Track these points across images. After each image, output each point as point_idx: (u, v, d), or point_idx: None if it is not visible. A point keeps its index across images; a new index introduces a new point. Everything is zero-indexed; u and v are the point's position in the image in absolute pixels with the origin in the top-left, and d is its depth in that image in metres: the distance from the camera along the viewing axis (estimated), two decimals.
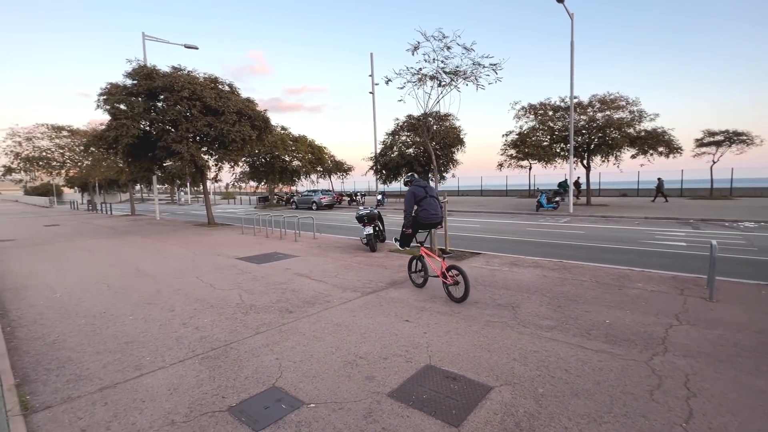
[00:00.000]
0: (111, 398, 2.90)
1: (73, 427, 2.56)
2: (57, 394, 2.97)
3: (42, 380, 3.20)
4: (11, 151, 27.97)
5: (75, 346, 3.87)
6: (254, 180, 33.96)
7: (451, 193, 37.94)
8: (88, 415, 2.69)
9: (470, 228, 13.56)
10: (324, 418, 2.59)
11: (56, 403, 2.84)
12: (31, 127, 28.79)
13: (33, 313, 4.97)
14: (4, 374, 3.20)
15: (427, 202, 5.52)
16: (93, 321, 4.61)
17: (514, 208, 21.27)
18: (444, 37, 7.83)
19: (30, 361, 3.56)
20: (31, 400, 2.89)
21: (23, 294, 5.94)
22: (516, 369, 3.21)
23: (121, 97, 13.34)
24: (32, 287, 6.34)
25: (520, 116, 22.21)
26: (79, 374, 3.29)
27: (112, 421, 2.61)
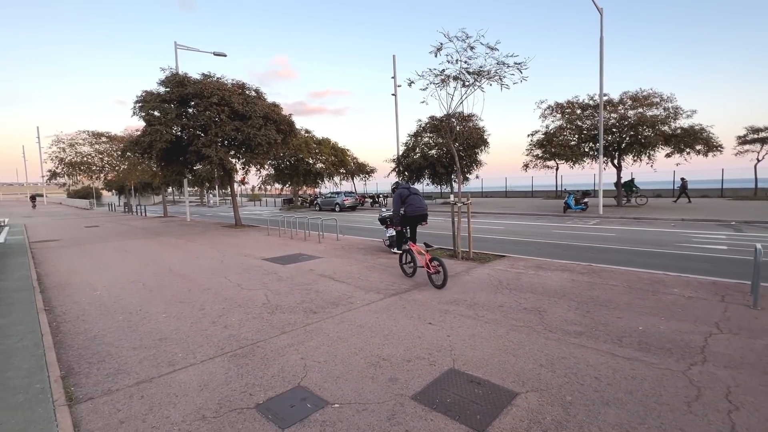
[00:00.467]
0: (147, 392, 3.05)
1: (113, 418, 2.71)
2: (98, 387, 3.15)
3: (84, 373, 3.40)
4: (56, 157, 29.85)
5: (114, 342, 4.09)
6: (279, 182, 34.71)
7: (474, 194, 37.43)
8: (126, 408, 2.83)
9: (494, 230, 13.33)
10: (348, 419, 2.62)
11: (97, 395, 3.01)
12: (73, 134, 30.64)
13: (76, 310, 5.28)
14: (51, 366, 3.42)
15: (412, 198, 6.56)
16: (130, 318, 4.85)
17: (540, 209, 20.74)
18: (467, 38, 7.75)
19: (74, 355, 3.78)
20: (75, 391, 3.08)
21: (67, 291, 6.31)
22: (543, 375, 3.13)
23: (155, 104, 13.98)
24: (75, 285, 6.73)
25: (546, 115, 21.66)
26: (117, 368, 3.47)
27: (148, 414, 2.74)
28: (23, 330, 4.35)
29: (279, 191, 42.84)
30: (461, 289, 5.77)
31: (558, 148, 20.89)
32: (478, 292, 5.54)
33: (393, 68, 27.60)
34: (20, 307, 5.28)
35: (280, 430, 2.52)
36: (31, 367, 3.43)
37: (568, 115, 21.00)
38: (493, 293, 5.49)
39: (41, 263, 8.94)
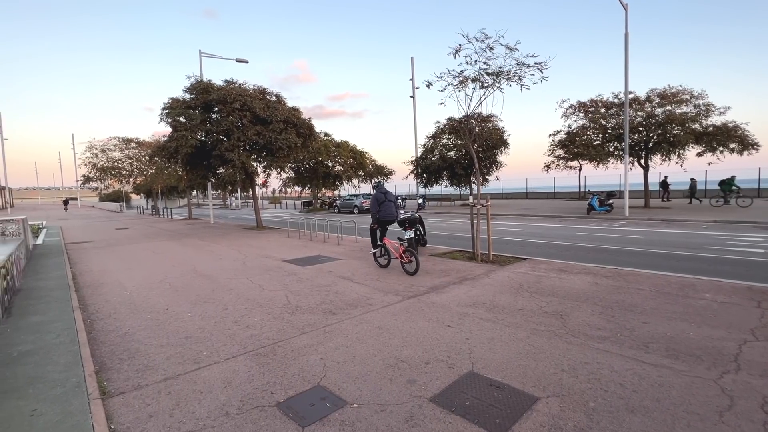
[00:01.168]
0: (173, 388, 3.16)
1: (142, 412, 2.83)
2: (128, 382, 3.29)
3: (116, 368, 3.56)
4: (89, 162, 31.36)
5: (143, 339, 4.26)
6: (299, 185, 35.25)
7: (494, 195, 36.93)
8: (155, 402, 2.95)
9: (515, 232, 13.12)
10: (367, 419, 2.64)
11: (128, 390, 3.15)
12: (105, 140, 32.13)
13: (108, 308, 5.53)
14: (86, 362, 3.60)
15: (386, 205, 7.60)
16: (157, 316, 5.05)
17: (563, 211, 20.26)
18: (486, 38, 7.69)
19: (106, 351, 3.97)
20: (108, 385, 3.23)
21: (99, 290, 6.62)
22: (565, 380, 3.07)
23: (181, 111, 14.49)
24: (107, 284, 7.05)
25: (568, 115, 21.17)
26: (146, 364, 3.62)
27: (175, 409, 2.85)
28: (60, 327, 4.60)
29: (299, 194, 43.51)
30: (481, 291, 5.71)
31: (581, 148, 20.36)
32: (498, 295, 5.48)
33: (411, 70, 27.63)
34: (57, 305, 5.57)
35: (300, 428, 2.57)
36: (67, 361, 3.62)
37: (592, 114, 20.44)
38: (513, 296, 5.41)
39: (76, 263, 9.40)
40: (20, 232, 9.41)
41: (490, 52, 7.80)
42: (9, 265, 6.03)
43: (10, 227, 9.37)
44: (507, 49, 7.73)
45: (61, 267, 8.69)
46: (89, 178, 32.25)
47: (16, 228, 9.40)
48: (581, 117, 20.86)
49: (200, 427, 2.61)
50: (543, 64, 7.69)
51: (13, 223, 9.44)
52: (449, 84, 8.27)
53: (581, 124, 20.87)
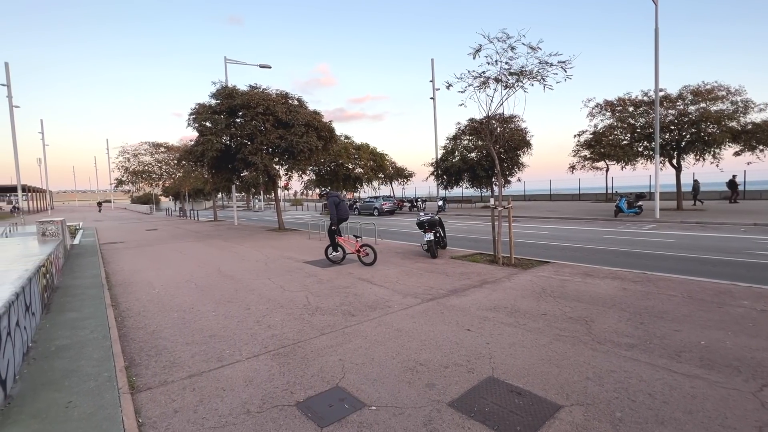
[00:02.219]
0: (198, 385, 3.26)
1: (168, 407, 2.93)
2: (156, 378, 3.41)
3: (144, 364, 3.70)
4: (122, 166, 32.84)
5: (169, 337, 4.42)
6: (320, 187, 35.70)
7: (516, 197, 36.20)
8: (180, 398, 3.05)
9: (538, 235, 12.82)
10: (385, 422, 2.64)
11: (155, 386, 3.27)
12: (136, 145, 33.57)
13: (137, 306, 5.76)
14: (117, 357, 3.77)
15: (341, 206, 8.41)
16: (183, 315, 5.22)
17: (588, 213, 19.62)
18: (508, 38, 7.58)
19: (135, 348, 4.14)
20: (137, 381, 3.36)
21: (130, 289, 6.91)
22: (590, 389, 2.96)
23: (207, 116, 14.97)
24: (136, 283, 7.35)
25: (594, 114, 20.52)
26: (172, 361, 3.75)
27: (199, 406, 2.93)
28: (94, 323, 4.83)
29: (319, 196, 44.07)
30: (502, 295, 5.61)
31: (608, 148, 19.69)
32: (519, 300, 5.36)
33: (431, 72, 27.52)
34: (91, 302, 5.85)
35: (319, 428, 2.59)
36: (100, 356, 3.79)
37: (619, 113, 19.74)
38: (535, 301, 5.28)
39: (109, 263, 9.85)
40: (59, 233, 9.95)
41: (511, 51, 7.68)
42: (48, 264, 6.38)
43: (50, 228, 9.91)
44: (529, 48, 7.59)
45: (96, 266, 9.12)
46: (122, 181, 33.77)
47: (55, 229, 9.94)
48: (608, 116, 20.19)
49: (222, 424, 2.67)
50: (567, 63, 7.51)
51: (53, 224, 9.98)
52: (470, 85, 8.19)
53: (608, 123, 20.20)
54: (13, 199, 59.14)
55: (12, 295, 3.62)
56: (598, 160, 23.01)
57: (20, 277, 4.48)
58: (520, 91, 7.91)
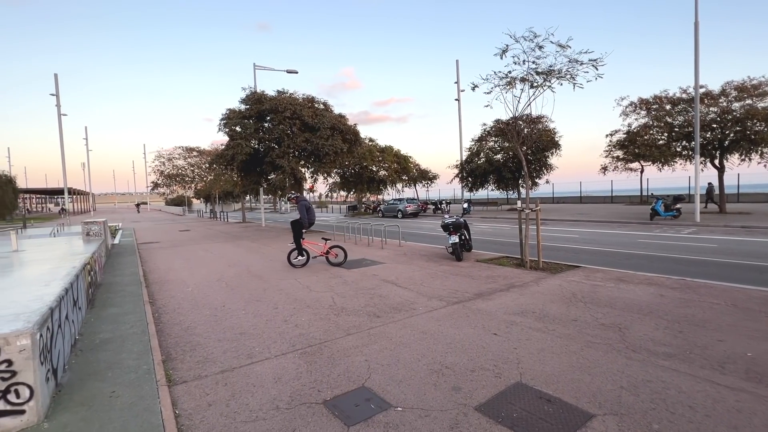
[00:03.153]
0: (229, 380, 3.38)
1: (202, 400, 3.05)
2: (190, 372, 3.57)
3: (180, 359, 3.87)
4: (157, 170, 34.47)
5: (202, 333, 4.60)
6: (344, 190, 36.10)
7: (544, 200, 35.22)
8: (213, 392, 3.17)
9: (567, 238, 12.43)
10: (410, 423, 2.64)
11: (190, 379, 3.42)
12: (170, 150, 35.15)
13: (173, 303, 6.03)
14: (155, 351, 3.96)
15: (311, 211, 8.83)
16: (215, 313, 5.42)
17: (622, 216, 18.83)
18: (535, 37, 7.44)
19: (171, 343, 4.33)
20: (173, 374, 3.52)
21: (165, 287, 7.24)
22: (624, 398, 2.85)
23: (237, 121, 15.50)
24: (171, 281, 7.69)
25: (628, 113, 19.74)
26: (205, 357, 3.90)
27: (231, 400, 3.04)
28: (133, 319, 5.10)
29: (344, 198, 44.53)
30: (529, 300, 5.48)
31: (643, 149, 18.87)
32: (548, 304, 5.22)
33: (456, 73, 27.28)
34: (131, 299, 6.18)
35: (346, 427, 2.63)
36: (139, 350, 4.00)
37: (655, 111, 18.88)
38: (565, 306, 5.13)
39: (146, 261, 10.36)
40: (101, 233, 10.56)
41: (539, 50, 7.53)
42: (92, 263, 6.79)
43: (93, 228, 10.54)
44: (558, 46, 7.41)
45: (134, 265, 9.62)
46: (157, 184, 35.46)
47: (98, 229, 10.56)
48: (643, 115, 19.36)
49: (253, 419, 2.76)
50: (598, 61, 7.28)
51: (96, 225, 10.61)
52: (496, 85, 8.09)
53: (643, 122, 19.38)
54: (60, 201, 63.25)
55: (62, 290, 3.88)
56: (632, 160, 22.08)
57: (68, 274, 4.80)
58: (549, 90, 7.74)
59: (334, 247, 8.74)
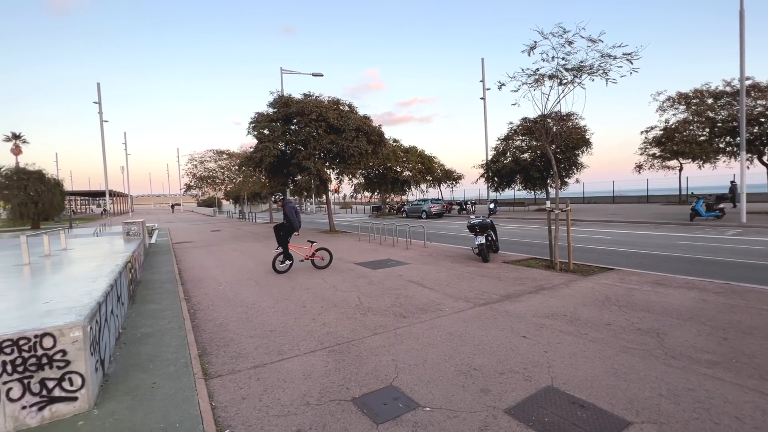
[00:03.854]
0: (261, 375, 3.49)
1: (236, 394, 3.17)
2: (224, 366, 3.71)
3: (214, 354, 4.04)
4: (190, 172, 35.93)
5: (235, 329, 4.77)
6: (368, 190, 36.31)
7: (574, 200, 34.07)
8: (246, 387, 3.29)
9: (599, 239, 11.98)
10: (439, 423, 2.64)
11: (224, 374, 3.56)
12: (202, 153, 36.54)
13: (206, 301, 6.28)
14: (191, 346, 4.15)
15: (298, 214, 8.47)
16: (246, 310, 5.60)
17: (658, 217, 17.94)
18: (565, 32, 7.24)
19: (206, 338, 4.52)
20: (209, 368, 3.68)
21: (199, 285, 7.54)
22: (663, 406, 2.73)
23: (265, 124, 15.92)
24: (205, 279, 8.00)
25: (665, 108, 18.85)
26: (238, 352, 4.04)
27: (263, 395, 3.14)
28: (171, 314, 5.35)
29: (368, 199, 44.77)
30: (560, 302, 5.34)
31: (682, 145, 17.94)
32: (579, 308, 5.07)
33: (482, 72, 26.88)
34: (168, 295, 6.48)
35: (375, 425, 2.66)
36: (177, 344, 4.20)
37: (696, 106, 17.90)
38: (598, 309, 4.96)
39: (180, 260, 10.83)
40: (140, 233, 11.14)
41: (569, 46, 7.32)
42: (133, 261, 7.18)
43: (133, 228, 11.14)
44: (589, 41, 7.18)
45: (170, 263, 10.07)
46: (190, 186, 36.94)
47: (137, 229, 11.14)
48: (682, 110, 18.40)
49: (285, 413, 2.84)
50: (633, 55, 6.99)
51: (135, 225, 11.20)
52: (523, 83, 7.93)
53: (682, 117, 18.41)
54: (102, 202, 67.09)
55: (107, 286, 4.14)
56: (670, 158, 21.05)
57: (112, 271, 5.10)
58: (579, 88, 7.50)
59: (319, 250, 8.59)
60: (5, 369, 2.64)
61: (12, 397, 2.66)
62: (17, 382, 2.67)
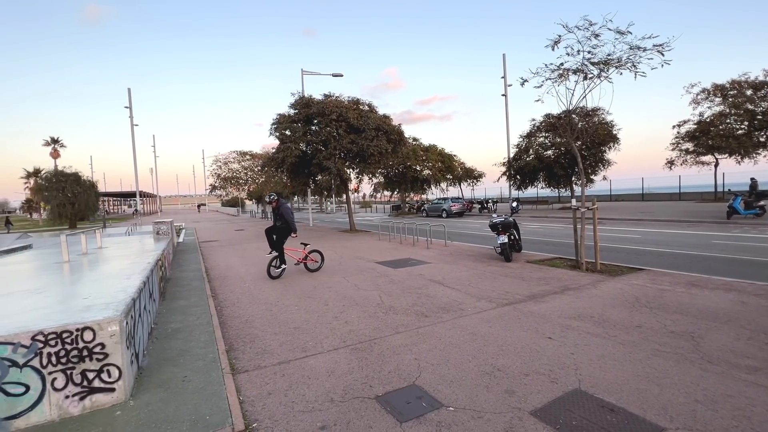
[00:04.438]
0: (286, 371, 3.57)
1: (263, 389, 3.25)
2: (251, 362, 3.81)
3: (241, 349, 4.15)
4: (215, 173, 36.99)
5: (260, 326, 4.88)
6: (388, 189, 36.34)
7: (601, 198, 32.98)
8: (272, 382, 3.36)
9: (628, 239, 11.56)
10: (463, 423, 2.63)
11: (251, 369, 3.65)
12: (226, 154, 37.56)
13: (232, 298, 6.46)
14: (219, 341, 4.28)
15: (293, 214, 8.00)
16: (270, 308, 5.72)
17: (692, 215, 17.13)
18: (591, 25, 7.01)
19: (232, 334, 4.65)
20: (236, 363, 3.78)
21: (225, 282, 7.76)
22: (700, 413, 2.62)
23: (287, 125, 16.19)
24: (230, 277, 8.23)
25: (699, 101, 18.02)
26: (263, 349, 4.14)
27: (288, 390, 3.21)
28: (199, 311, 5.53)
29: (388, 198, 44.80)
30: (587, 303, 5.19)
31: (718, 139, 17.09)
32: (607, 309, 4.91)
33: (503, 68, 26.42)
34: (196, 293, 6.71)
35: (398, 423, 2.67)
36: (206, 340, 4.34)
37: (733, 98, 17.00)
38: (627, 311, 4.79)
39: (207, 258, 11.17)
40: (168, 232, 11.56)
41: (595, 39, 7.10)
42: (163, 259, 7.46)
43: (162, 228, 11.57)
44: (617, 33, 6.94)
45: (197, 261, 10.41)
46: (215, 186, 38.07)
47: (166, 228, 11.57)
48: (718, 102, 17.52)
49: (310, 409, 2.89)
50: (664, 46, 6.71)
51: (164, 225, 11.63)
52: (547, 79, 7.74)
53: (718, 110, 17.52)
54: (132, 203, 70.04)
55: (141, 283, 4.32)
56: (705, 153, 20.06)
57: (144, 269, 5.32)
58: (605, 82, 7.26)
59: (312, 252, 8.37)
60: (50, 360, 2.80)
61: (56, 386, 2.82)
62: (61, 372, 2.83)
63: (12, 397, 2.71)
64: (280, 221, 7.85)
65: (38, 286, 4.49)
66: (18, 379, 2.72)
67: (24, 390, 2.73)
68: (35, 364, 2.76)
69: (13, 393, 2.71)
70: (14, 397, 2.71)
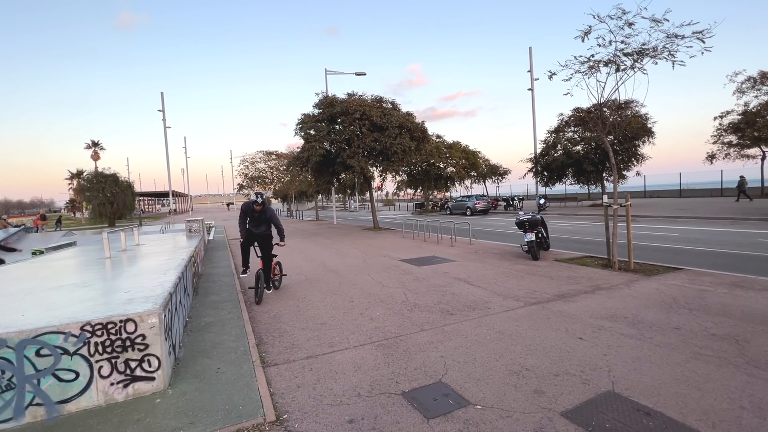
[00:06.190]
0: (314, 366, 3.64)
1: (292, 382, 3.34)
2: (280, 356, 3.92)
3: (270, 344, 4.27)
4: (242, 173, 38.07)
5: (288, 321, 5.01)
6: (411, 187, 36.23)
7: (635, 194, 31.56)
8: (301, 376, 3.45)
9: (664, 237, 11.03)
10: (491, 422, 2.60)
11: (280, 362, 3.76)
12: (253, 154, 38.55)
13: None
14: (249, 335, 4.42)
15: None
16: (297, 303, 5.85)
17: (735, 212, 16.13)
18: (624, 14, 6.72)
19: (262, 329, 4.79)
20: (266, 357, 3.90)
21: (253, 278, 7.97)
22: (745, 420, 2.48)
23: (311, 124, 16.44)
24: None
25: (744, 90, 16.92)
26: (292, 343, 4.25)
27: (316, 384, 3.28)
28: (230, 306, 5.73)
29: (411, 196, 44.65)
30: (619, 303, 5.00)
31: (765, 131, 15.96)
32: (642, 309, 4.72)
33: (529, 61, 25.75)
34: (226, 288, 6.94)
35: (425, 420, 2.68)
36: (237, 334, 4.49)
37: None
38: (664, 312, 4.59)
39: (236, 255, 11.52)
40: (200, 230, 12.01)
41: (629, 28, 6.79)
42: (195, 255, 7.77)
43: (194, 226, 12.04)
44: (652, 21, 6.61)
45: (226, 258, 10.76)
46: (242, 186, 39.17)
47: (197, 226, 12.03)
48: (765, 91, 16.37)
49: (338, 403, 2.95)
50: (705, 33, 6.34)
51: (196, 223, 12.10)
52: (576, 71, 7.47)
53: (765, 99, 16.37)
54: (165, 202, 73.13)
55: (176, 278, 4.52)
56: (750, 145, 18.80)
57: (179, 264, 5.56)
58: (639, 72, 6.94)
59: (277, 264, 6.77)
60: (97, 349, 2.99)
61: (102, 374, 3.01)
62: (106, 361, 3.02)
63: (64, 382, 2.91)
64: (264, 227, 6.21)
65: (84, 280, 4.79)
66: (69, 366, 2.92)
67: (74, 376, 2.93)
68: (84, 352, 2.96)
69: (65, 379, 2.91)
70: (66, 383, 2.91)
